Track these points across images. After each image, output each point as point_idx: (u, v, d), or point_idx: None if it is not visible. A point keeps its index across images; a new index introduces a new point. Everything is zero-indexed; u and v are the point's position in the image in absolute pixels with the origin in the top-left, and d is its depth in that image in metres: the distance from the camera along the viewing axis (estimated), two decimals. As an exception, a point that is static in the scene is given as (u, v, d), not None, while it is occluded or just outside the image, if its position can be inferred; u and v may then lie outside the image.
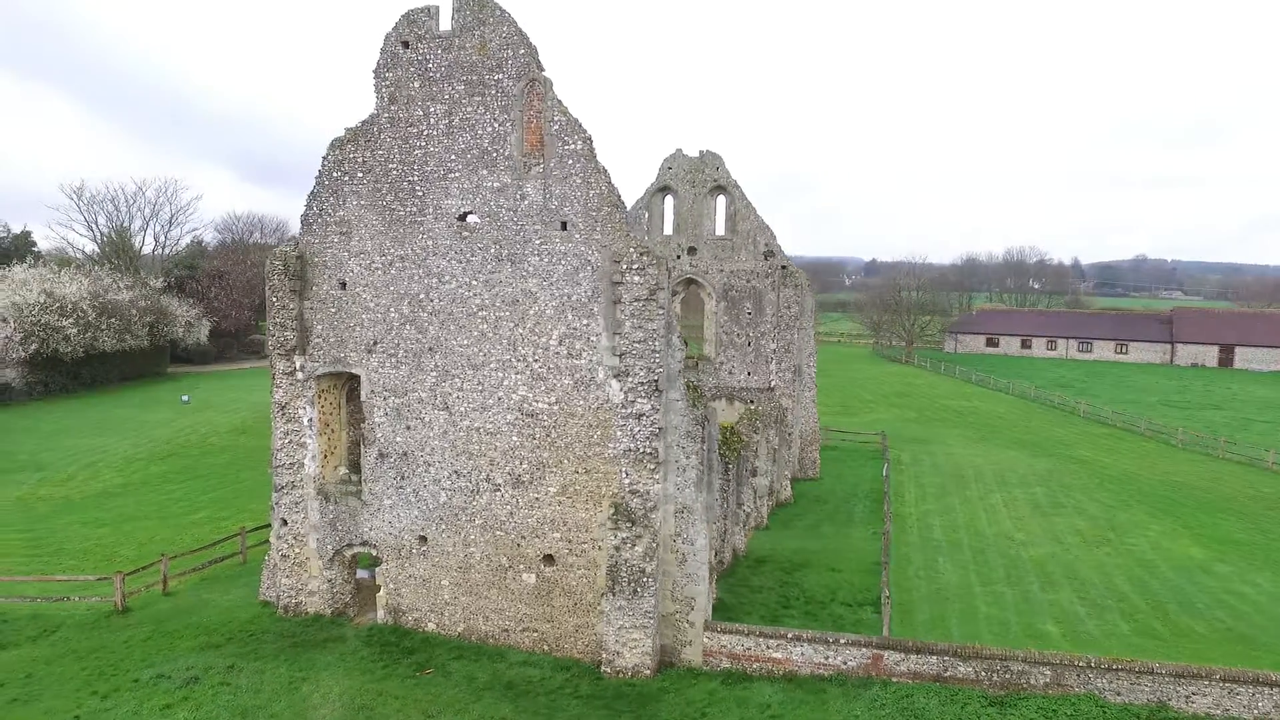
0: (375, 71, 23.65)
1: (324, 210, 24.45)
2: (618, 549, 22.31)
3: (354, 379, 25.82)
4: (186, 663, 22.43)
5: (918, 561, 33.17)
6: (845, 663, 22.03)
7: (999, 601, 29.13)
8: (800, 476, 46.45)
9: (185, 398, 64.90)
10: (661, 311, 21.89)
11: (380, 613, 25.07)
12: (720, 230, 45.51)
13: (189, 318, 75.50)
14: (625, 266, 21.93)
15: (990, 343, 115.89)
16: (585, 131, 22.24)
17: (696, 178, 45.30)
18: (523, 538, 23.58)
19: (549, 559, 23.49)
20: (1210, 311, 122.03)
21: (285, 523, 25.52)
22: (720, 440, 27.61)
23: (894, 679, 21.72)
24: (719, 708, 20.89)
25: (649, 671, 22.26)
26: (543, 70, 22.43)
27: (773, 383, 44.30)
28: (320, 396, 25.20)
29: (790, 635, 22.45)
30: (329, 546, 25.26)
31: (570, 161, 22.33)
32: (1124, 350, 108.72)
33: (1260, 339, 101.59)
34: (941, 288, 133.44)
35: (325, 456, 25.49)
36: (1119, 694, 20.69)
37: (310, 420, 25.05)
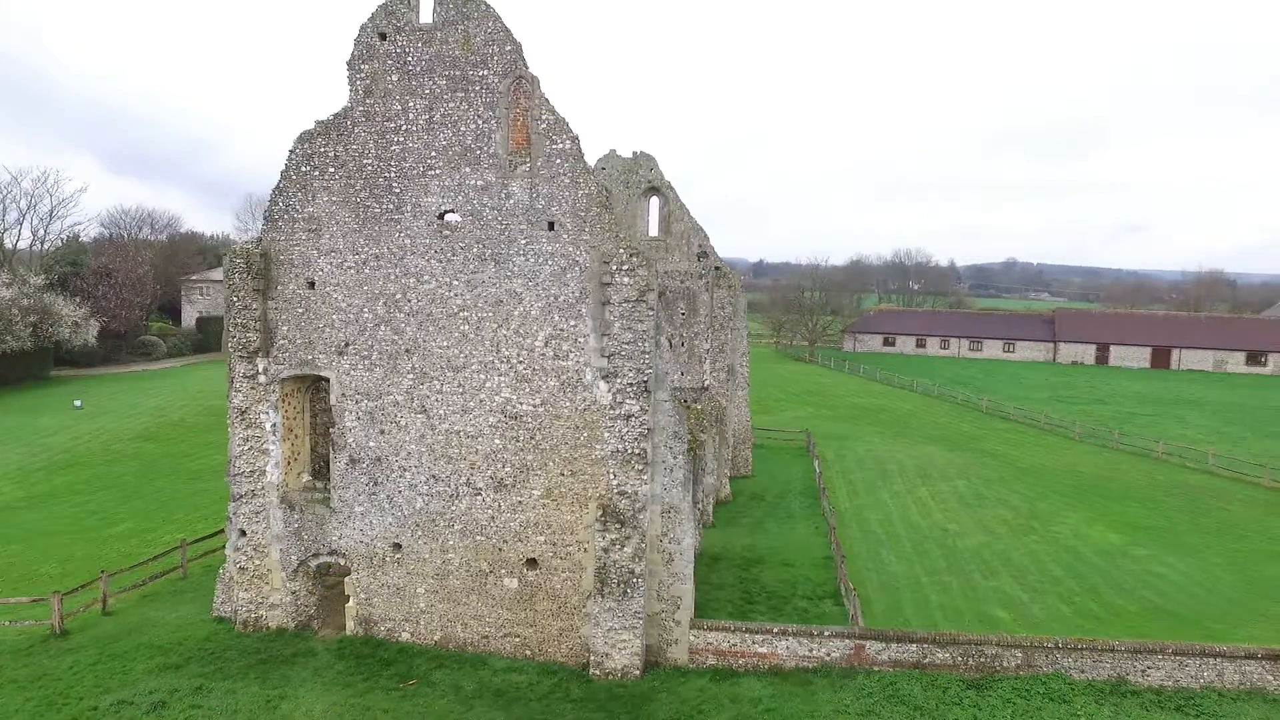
0: (349, 63, 22.82)
1: (290, 206, 23.41)
2: (606, 550, 22.26)
3: (320, 382, 24.85)
4: (148, 686, 21.10)
5: (863, 554, 34.30)
6: (829, 654, 22.66)
7: (947, 590, 30.48)
8: (735, 474, 47.26)
9: (78, 402, 60.59)
10: (651, 313, 21.96)
11: (350, 624, 24.19)
12: (654, 231, 45.74)
13: (76, 317, 70.42)
14: (615, 268, 21.90)
15: (887, 342, 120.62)
16: (572, 131, 22.10)
17: (630, 179, 45.41)
18: (505, 542, 23.21)
19: (532, 563, 23.21)
20: (1088, 312, 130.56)
21: (244, 534, 24.29)
22: (689, 440, 27.84)
23: (876, 668, 22.48)
24: (712, 704, 21.13)
25: (638, 672, 22.30)
26: (528, 68, 22.15)
27: (707, 382, 44.84)
28: (284, 400, 24.11)
29: (776, 630, 22.92)
30: (293, 557, 24.19)
31: (558, 161, 22.13)
32: (1011, 349, 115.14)
33: (1131, 338, 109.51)
34: (831, 289, 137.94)
35: (289, 463, 24.39)
36: (1083, 671, 22.06)
37: (274, 425, 23.92)
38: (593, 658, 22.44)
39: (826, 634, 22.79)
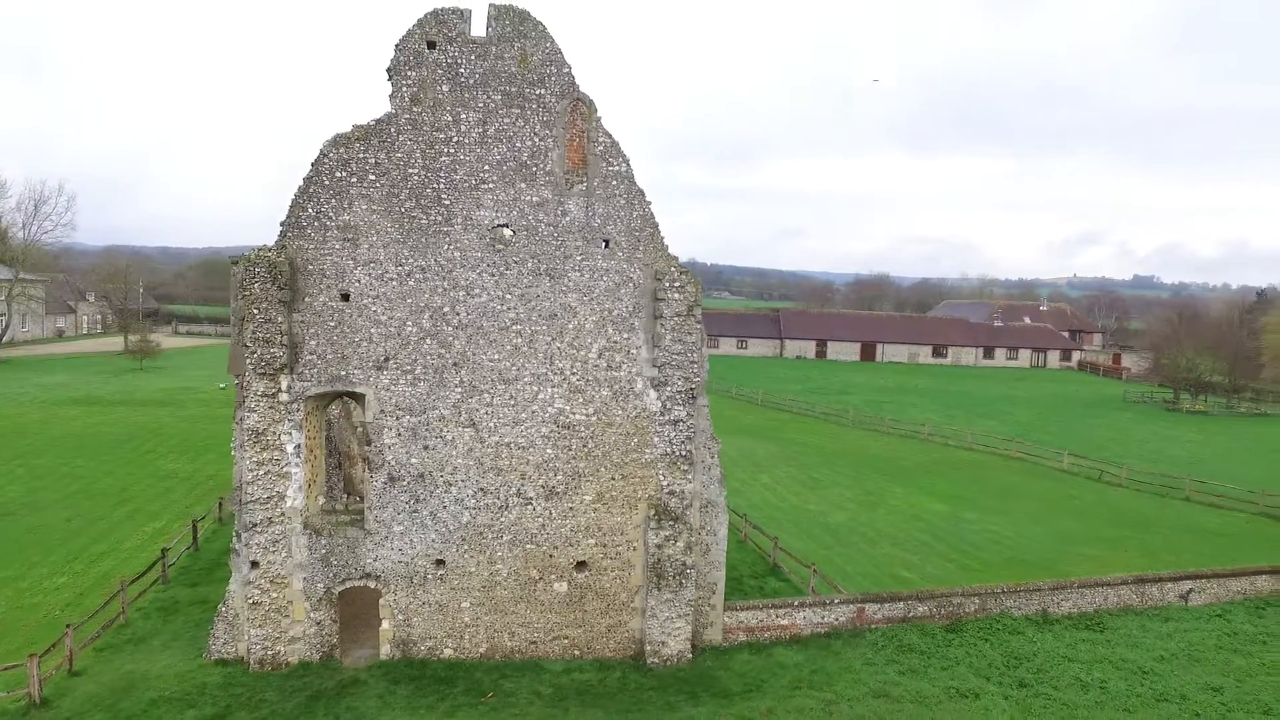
0: (392, 69, 22.14)
1: (322, 213, 22.14)
2: (660, 546, 23.88)
3: (336, 399, 23.60)
4: (210, 740, 19.21)
5: (761, 536, 38.33)
6: (838, 619, 26.16)
7: (852, 560, 35.35)
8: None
9: None
10: (698, 325, 23.92)
11: (386, 648, 23.35)
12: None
13: None
14: (667, 284, 23.56)
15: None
16: (626, 155, 23.38)
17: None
18: (555, 548, 23.87)
19: (581, 565, 24.10)
20: (806, 312, 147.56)
21: (256, 565, 22.49)
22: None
23: (874, 625, 26.36)
24: (766, 673, 23.69)
25: (690, 655, 24.18)
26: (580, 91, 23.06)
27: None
28: (306, 420, 22.68)
29: (796, 603, 25.98)
30: (319, 585, 22.85)
31: (614, 182, 23.29)
32: (744, 345, 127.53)
33: (844, 334, 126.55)
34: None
35: (309, 486, 22.95)
36: (1020, 608, 27.64)
37: (297, 446, 22.43)
38: (649, 647, 23.92)
39: (836, 601, 26.26)
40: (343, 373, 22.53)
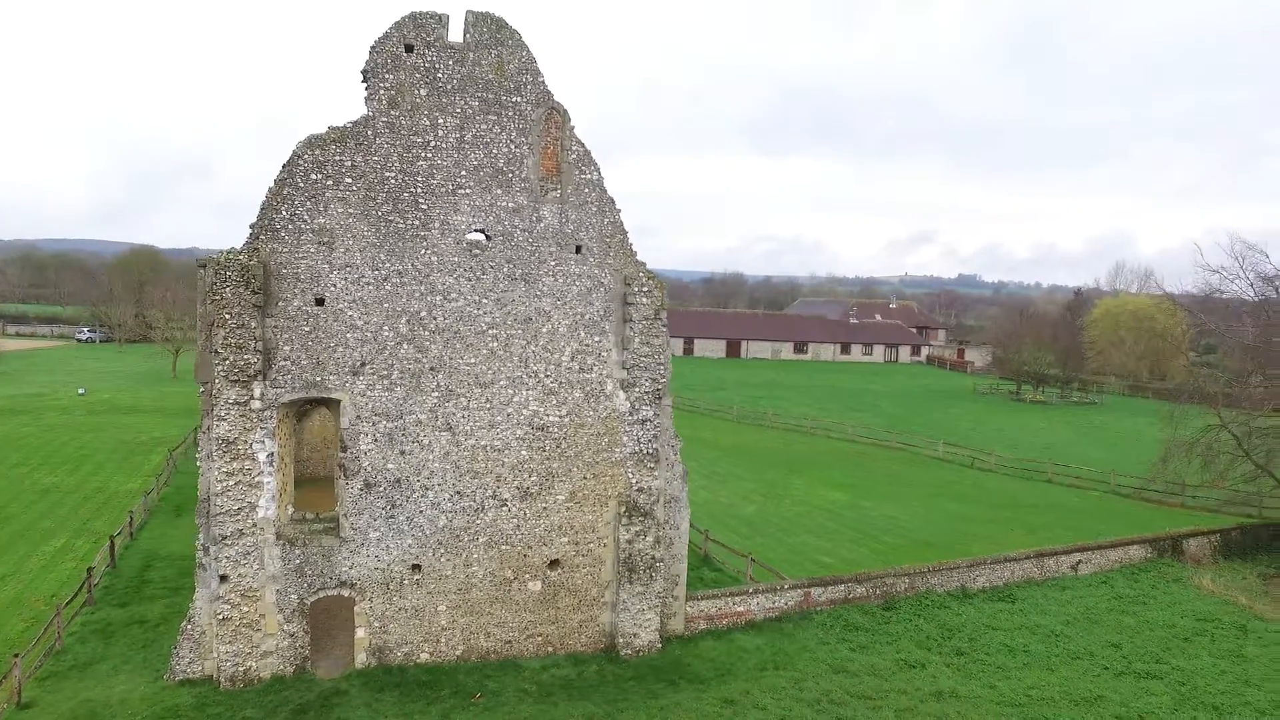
0: (368, 71, 21.93)
1: (297, 215, 21.66)
2: (631, 542, 24.78)
3: (306, 406, 23.06)
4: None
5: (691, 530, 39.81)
6: (787, 604, 27.88)
7: (777, 547, 37.37)
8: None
9: None
10: (665, 328, 24.94)
11: (361, 656, 23.07)
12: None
13: None
14: (636, 289, 24.46)
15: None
16: (597, 163, 24.08)
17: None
18: (529, 548, 24.29)
19: (555, 563, 24.63)
20: (674, 311, 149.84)
21: (226, 579, 21.76)
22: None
23: (819, 608, 28.27)
24: (733, 657, 25.06)
25: (659, 645, 25.20)
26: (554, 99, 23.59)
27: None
28: (278, 427, 22.10)
29: (750, 590, 27.49)
30: (293, 597, 22.34)
31: (587, 190, 23.94)
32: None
33: (711, 332, 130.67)
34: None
35: (281, 495, 22.37)
36: (942, 585, 30.33)
37: (270, 455, 21.84)
38: (621, 639, 24.77)
39: (786, 586, 27.97)
40: (318, 379, 22.11)
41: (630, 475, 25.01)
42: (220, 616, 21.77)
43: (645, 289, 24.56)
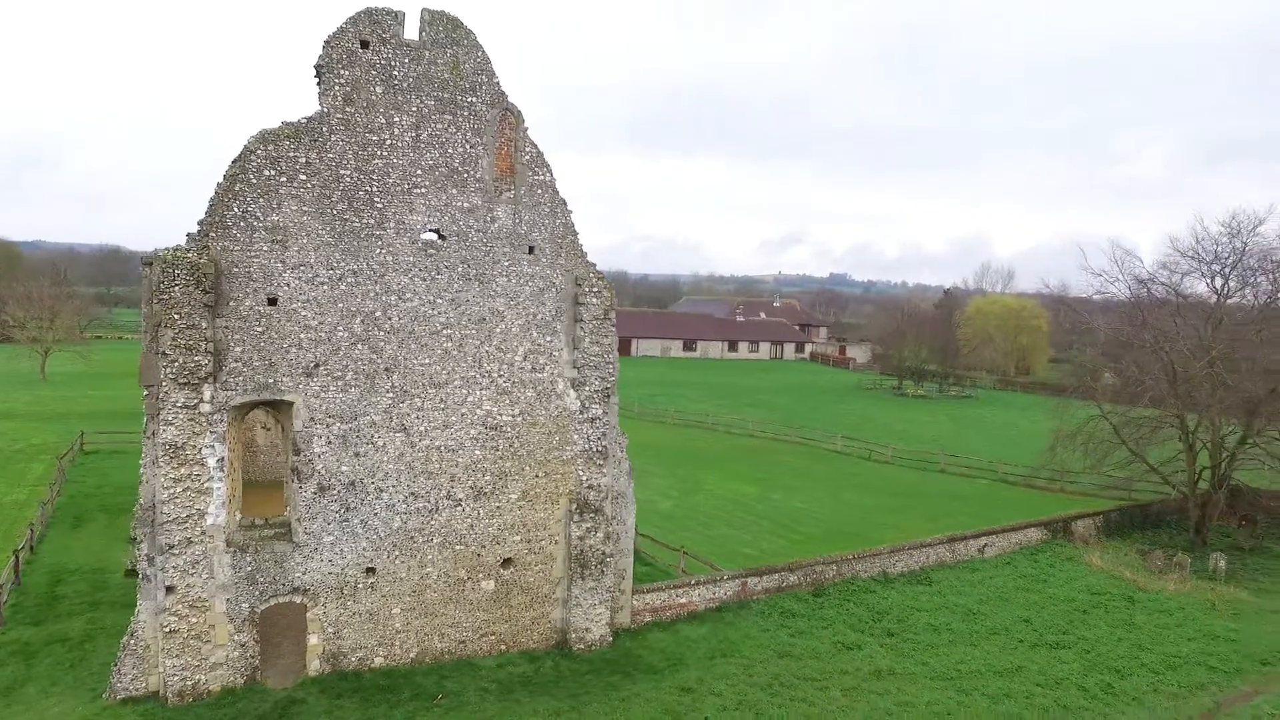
0: (323, 66, 21.50)
1: (249, 213, 21.00)
2: (582, 538, 25.21)
3: (253, 408, 22.38)
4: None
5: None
6: (726, 594, 28.92)
7: (700, 540, 38.44)
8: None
9: None
10: (613, 328, 25.46)
11: (315, 663, 22.58)
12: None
13: None
14: (586, 289, 24.89)
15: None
16: (549, 165, 24.35)
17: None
18: (483, 547, 24.34)
19: (507, 562, 24.77)
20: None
21: (172, 590, 20.92)
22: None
23: (755, 597, 29.44)
24: (682, 648, 25.89)
25: (610, 639, 25.72)
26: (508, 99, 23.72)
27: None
28: (227, 431, 21.38)
29: (692, 582, 28.37)
30: (244, 605, 21.66)
31: (540, 191, 24.18)
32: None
33: (651, 332, 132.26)
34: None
35: (230, 501, 21.64)
36: (866, 571, 32.11)
37: (220, 460, 21.11)
38: (573, 634, 25.16)
39: (725, 578, 28.99)
40: (270, 380, 21.52)
41: (580, 473, 25.43)
42: (167, 629, 20.90)
43: (595, 289, 25.02)
